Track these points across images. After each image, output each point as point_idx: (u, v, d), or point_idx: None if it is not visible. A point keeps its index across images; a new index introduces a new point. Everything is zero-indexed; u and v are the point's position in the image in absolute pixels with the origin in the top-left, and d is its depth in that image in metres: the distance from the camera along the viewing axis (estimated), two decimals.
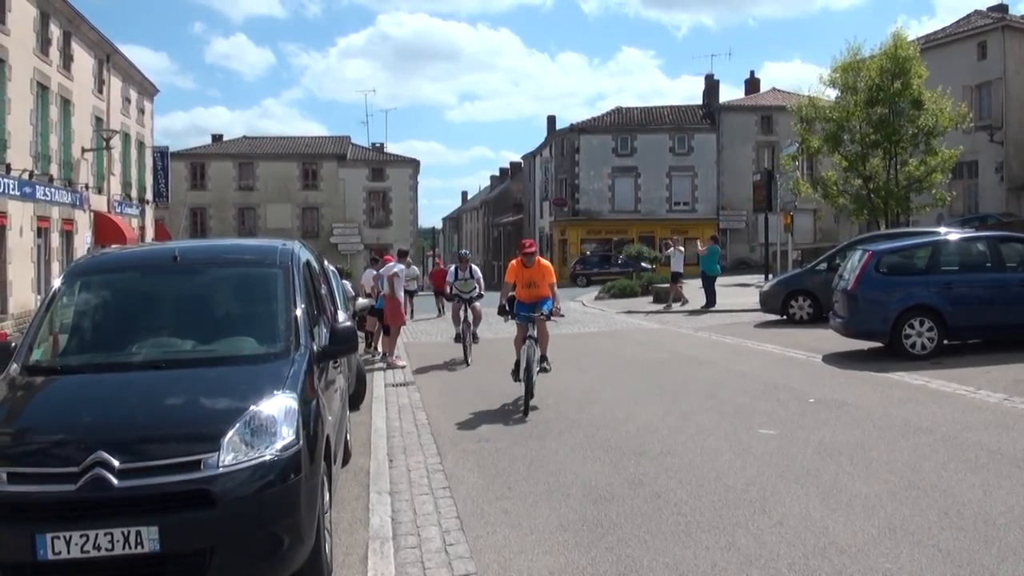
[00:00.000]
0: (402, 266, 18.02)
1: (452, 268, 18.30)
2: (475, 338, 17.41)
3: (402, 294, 17.80)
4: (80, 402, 5.37)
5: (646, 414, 10.93)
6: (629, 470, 8.17)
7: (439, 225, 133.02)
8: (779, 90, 64.57)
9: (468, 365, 16.36)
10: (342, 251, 62.45)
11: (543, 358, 12.12)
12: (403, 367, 16.73)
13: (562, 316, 13.05)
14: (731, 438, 9.34)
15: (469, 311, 17.26)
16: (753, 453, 8.63)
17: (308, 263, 7.19)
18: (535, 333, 11.94)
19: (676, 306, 28.38)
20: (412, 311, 28.20)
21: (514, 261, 12.42)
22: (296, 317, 6.14)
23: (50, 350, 6.24)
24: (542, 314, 12.02)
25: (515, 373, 12.24)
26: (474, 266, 18.05)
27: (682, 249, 29.21)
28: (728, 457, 8.50)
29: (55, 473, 4.78)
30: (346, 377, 8.44)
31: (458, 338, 17.26)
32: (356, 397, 11.37)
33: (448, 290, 18.03)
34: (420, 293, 33.05)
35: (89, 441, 4.84)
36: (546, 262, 12.61)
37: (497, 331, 21.49)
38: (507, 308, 12.34)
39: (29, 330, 6.28)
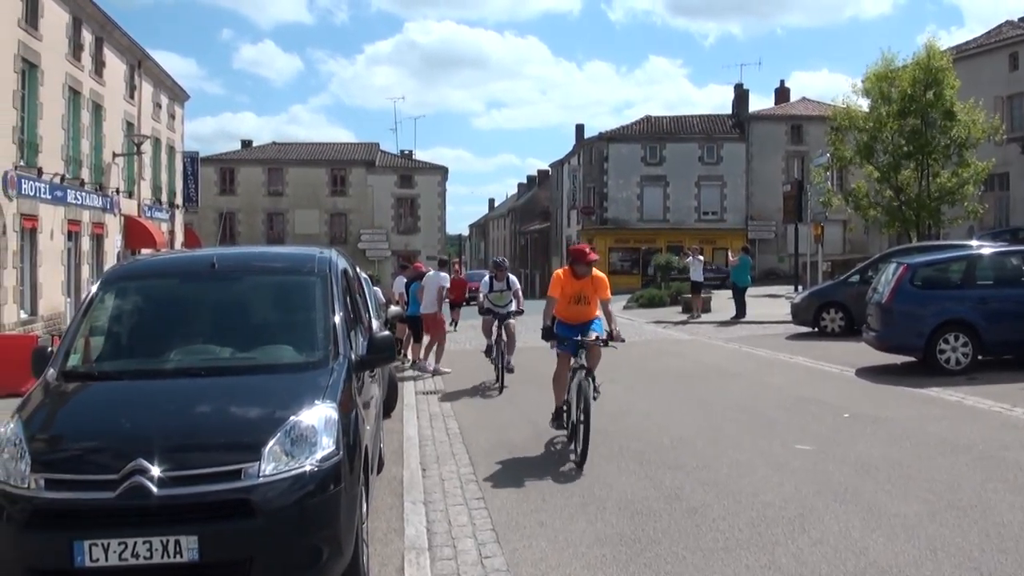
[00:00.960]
0: (445, 274, 17.99)
1: (486, 278, 15.96)
2: (510, 367, 14.91)
3: (438, 307, 17.74)
4: (118, 409, 5.34)
5: (680, 427, 10.85)
6: (665, 484, 8.10)
7: (466, 232, 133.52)
8: (809, 100, 64.22)
9: (501, 392, 14.22)
10: (370, 257, 62.65)
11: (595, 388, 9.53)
12: (448, 372, 16.76)
13: (623, 341, 9.81)
14: (766, 453, 9.24)
15: (503, 329, 15.04)
16: (789, 468, 8.53)
17: (345, 271, 7.17)
18: (584, 360, 9.37)
19: (703, 317, 28.25)
20: (456, 322, 27.37)
21: (560, 271, 9.89)
22: (335, 325, 6.10)
23: (87, 356, 6.23)
24: (598, 338, 9.52)
25: (557, 420, 9.99)
26: (512, 276, 15.69)
27: (702, 258, 29.12)
28: (764, 472, 8.41)
29: (94, 480, 4.76)
30: (381, 386, 8.40)
31: (489, 351, 15.46)
32: (387, 405, 11.33)
33: (481, 302, 15.66)
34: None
35: (128, 448, 4.83)
36: (601, 274, 9.97)
37: (525, 337, 21.55)
38: (554, 333, 9.75)
39: (66, 336, 6.27)
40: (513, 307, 15.31)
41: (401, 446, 10.18)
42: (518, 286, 15.67)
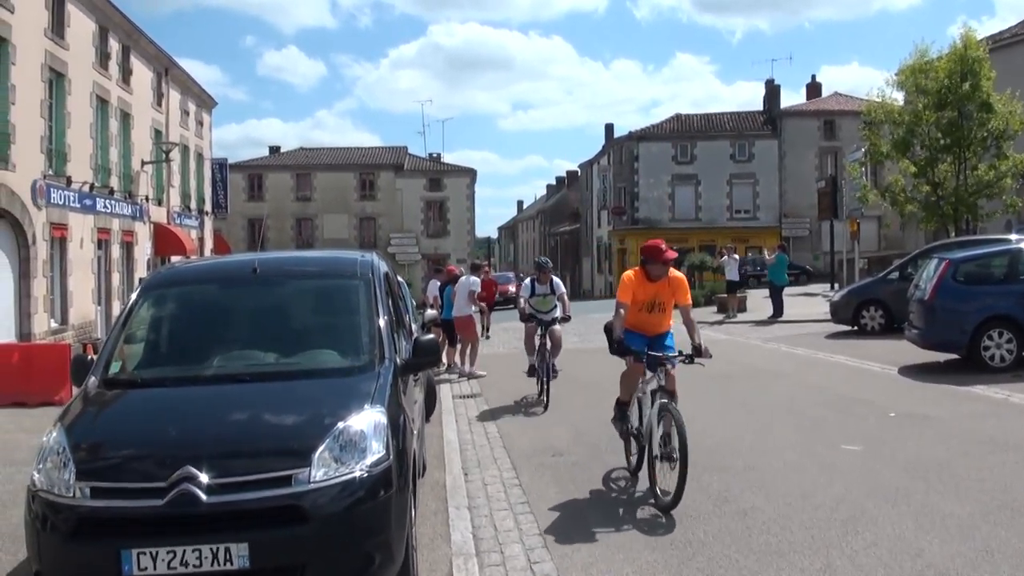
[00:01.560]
0: (476, 279, 17.99)
1: (527, 281, 14.50)
2: (554, 371, 13.58)
3: (471, 310, 17.73)
4: (164, 415, 5.33)
5: (724, 428, 10.78)
6: (713, 486, 8.03)
7: (494, 235, 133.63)
8: (841, 94, 63.77)
9: (546, 409, 12.82)
10: (400, 261, 62.83)
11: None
12: (484, 375, 16.79)
13: (710, 357, 8.03)
14: (814, 454, 9.15)
15: (547, 336, 13.68)
16: (838, 469, 8.44)
17: (387, 274, 7.17)
18: (664, 381, 7.73)
19: (738, 316, 28.09)
20: (487, 328, 26.02)
21: (631, 273, 8.26)
22: (380, 329, 6.10)
23: (129, 363, 6.24)
24: (683, 357, 7.85)
25: (621, 418, 8.58)
26: (556, 279, 14.14)
27: (736, 257, 28.94)
28: (813, 473, 8.32)
29: (141, 488, 4.75)
30: (422, 390, 8.40)
31: (532, 371, 13.85)
32: (427, 409, 11.32)
33: (521, 308, 14.21)
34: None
35: (176, 455, 4.81)
36: (680, 274, 8.38)
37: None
38: (626, 346, 7.98)
39: (106, 343, 6.27)
40: (559, 312, 13.87)
41: (442, 450, 10.19)
42: (563, 289, 14.16)
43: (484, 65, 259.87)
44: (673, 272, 8.24)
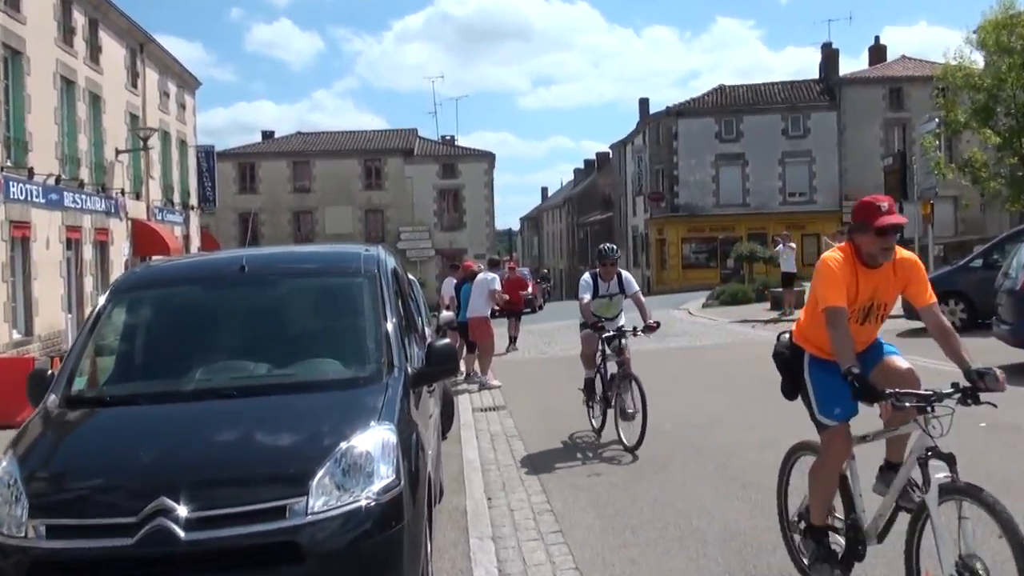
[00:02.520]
0: (495, 276, 17.85)
1: (586, 276, 11.72)
2: (631, 413, 10.71)
3: (488, 311, 17.60)
4: (135, 438, 5.22)
5: (784, 440, 10.48)
6: (776, 510, 7.78)
7: (516, 226, 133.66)
8: (909, 58, 63.30)
9: (635, 457, 10.27)
10: (411, 258, 62.91)
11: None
12: (498, 386, 16.77)
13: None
14: (867, 453, 8.88)
15: (618, 357, 11.22)
16: None
17: (395, 271, 7.08)
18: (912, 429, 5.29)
19: (796, 313, 27.78)
20: (515, 339, 24.72)
21: (836, 256, 5.53)
22: (387, 334, 5.99)
23: (96, 378, 6.17)
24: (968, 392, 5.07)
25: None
26: (626, 273, 11.78)
27: (793, 246, 28.65)
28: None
29: (107, 525, 4.61)
30: (438, 403, 8.24)
31: (590, 394, 11.77)
32: (443, 424, 11.19)
33: (584, 309, 11.51)
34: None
35: (149, 485, 4.69)
36: (912, 256, 5.71)
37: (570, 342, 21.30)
38: (866, 381, 5.09)
39: (70, 355, 6.17)
40: (623, 320, 11.76)
41: (461, 471, 10.09)
42: (636, 287, 11.74)
43: (500, 36, 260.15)
44: (901, 251, 5.60)
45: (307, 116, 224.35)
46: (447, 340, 6.53)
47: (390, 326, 6.06)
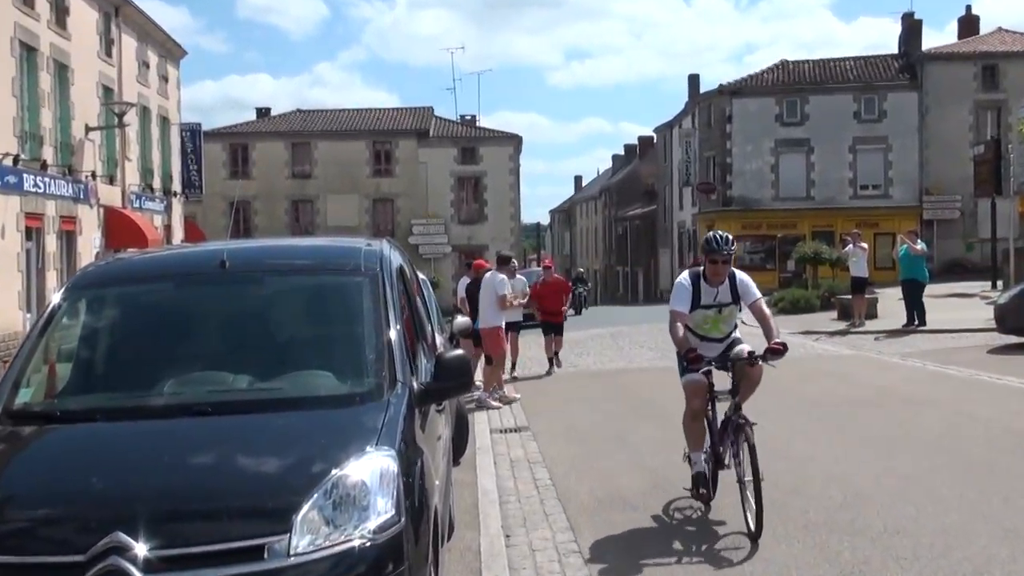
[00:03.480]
0: (503, 277, 17.66)
1: (682, 280, 9.40)
2: (747, 481, 8.55)
3: (501, 319, 17.42)
4: (90, 461, 5.14)
5: (854, 475, 10.45)
6: (844, 556, 7.69)
7: (545, 220, 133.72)
8: (1007, 30, 62.84)
9: (754, 545, 8.27)
10: (424, 255, 63.07)
11: None
12: (517, 399, 16.81)
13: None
14: (984, 513, 8.76)
15: (727, 396, 9.38)
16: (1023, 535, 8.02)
17: (401, 269, 7.04)
18: None
19: (867, 324, 27.60)
20: (556, 358, 22.35)
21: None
22: (390, 343, 5.92)
23: (45, 389, 6.13)
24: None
25: None
26: (742, 275, 9.33)
27: (865, 247, 28.43)
28: (985, 541, 7.93)
29: (52, 564, 4.54)
30: (449, 423, 8.13)
31: (703, 489, 9.25)
32: (456, 448, 11.11)
33: (677, 334, 9.15)
34: (527, 325, 22.32)
35: (102, 518, 4.61)
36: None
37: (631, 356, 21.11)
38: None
39: (14, 362, 6.12)
40: (742, 340, 9.62)
41: (476, 503, 10.03)
42: (757, 293, 9.23)
43: (528, 1, 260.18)
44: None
45: (307, 92, 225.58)
46: (459, 352, 6.40)
47: (393, 334, 6.00)
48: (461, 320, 15.39)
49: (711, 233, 9.28)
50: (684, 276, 9.54)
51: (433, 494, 5.54)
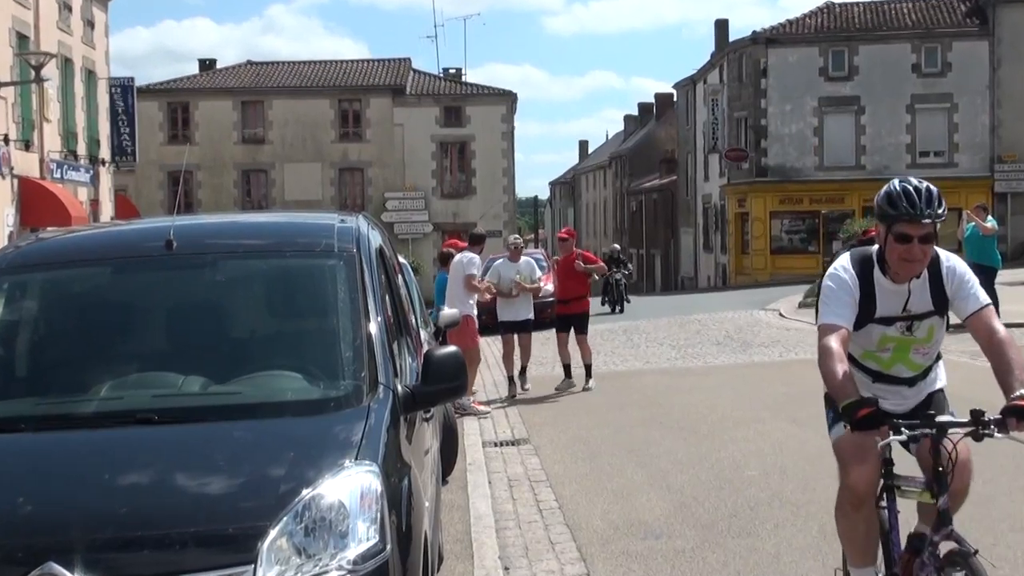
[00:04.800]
0: (474, 256, 17.61)
1: (839, 269, 6.35)
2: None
3: (472, 307, 17.37)
4: (13, 481, 5.14)
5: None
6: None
7: (544, 193, 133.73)
8: None
9: None
10: (401, 234, 62.93)
11: None
12: (486, 414, 16.75)
13: None
14: None
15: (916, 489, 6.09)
16: None
17: (381, 250, 7.04)
18: None
19: None
20: (588, 375, 19.25)
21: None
22: (370, 338, 5.93)
23: None
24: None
25: None
26: (953, 260, 6.23)
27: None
28: None
29: None
30: (437, 434, 8.17)
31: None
32: (444, 463, 11.19)
33: (825, 372, 6.04)
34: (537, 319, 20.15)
35: (31, 546, 4.63)
36: None
37: (616, 353, 21.17)
38: None
39: None
40: (943, 384, 6.68)
41: (468, 530, 10.06)
42: (983, 297, 6.13)
43: None
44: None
45: (258, 40, 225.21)
46: (452, 348, 6.40)
47: (374, 327, 6.01)
48: (449, 311, 15.48)
49: (897, 183, 6.07)
50: (844, 262, 6.45)
51: (423, 518, 5.57)
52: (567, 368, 19.13)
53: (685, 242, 76.96)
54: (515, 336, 18.79)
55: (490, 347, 23.74)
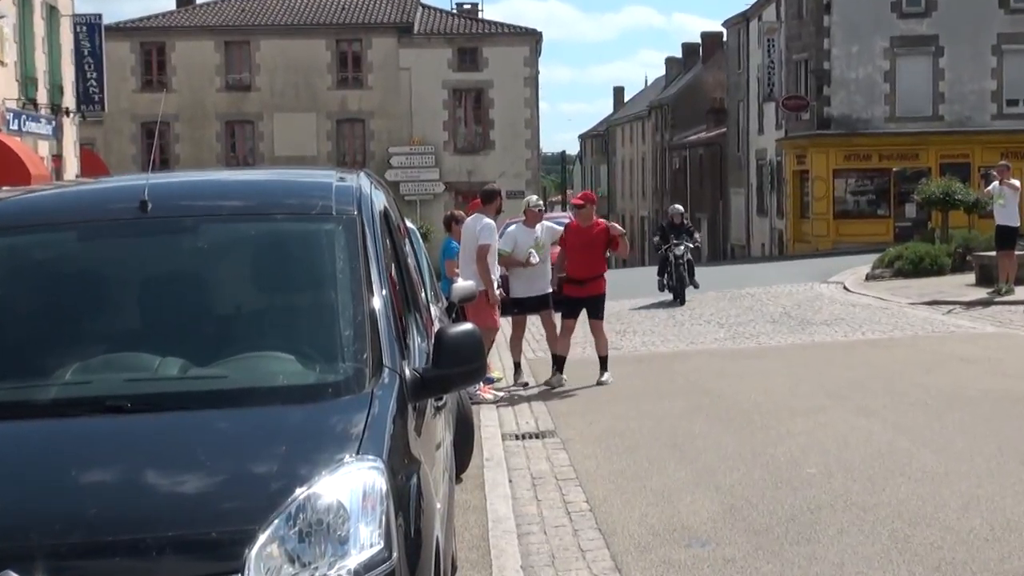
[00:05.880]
0: (488, 221, 17.25)
1: None
2: None
3: (495, 274, 17.20)
4: None
5: (1002, 498, 10.47)
6: None
7: (573, 148, 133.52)
8: None
9: None
10: (408, 196, 62.96)
11: None
12: (494, 401, 16.79)
13: None
14: None
15: None
16: None
17: (386, 212, 7.05)
18: None
19: (1016, 291, 27.50)
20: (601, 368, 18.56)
21: None
22: (374, 314, 5.95)
23: None
24: None
25: None
26: None
27: (1017, 184, 28.20)
28: None
29: None
30: (450, 426, 8.18)
31: None
32: (458, 458, 11.20)
33: None
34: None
35: None
36: None
37: (655, 332, 21.18)
38: None
39: None
40: None
41: (485, 535, 10.08)
42: None
43: None
44: None
45: None
46: (468, 326, 6.38)
47: (378, 301, 6.01)
48: (464, 283, 15.34)
49: None
50: None
51: (434, 521, 5.58)
52: (560, 361, 18.14)
53: (736, 204, 76.88)
54: (526, 318, 18.35)
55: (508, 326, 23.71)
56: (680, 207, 34.93)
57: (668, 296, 31.22)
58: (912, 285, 31.89)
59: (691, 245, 32.25)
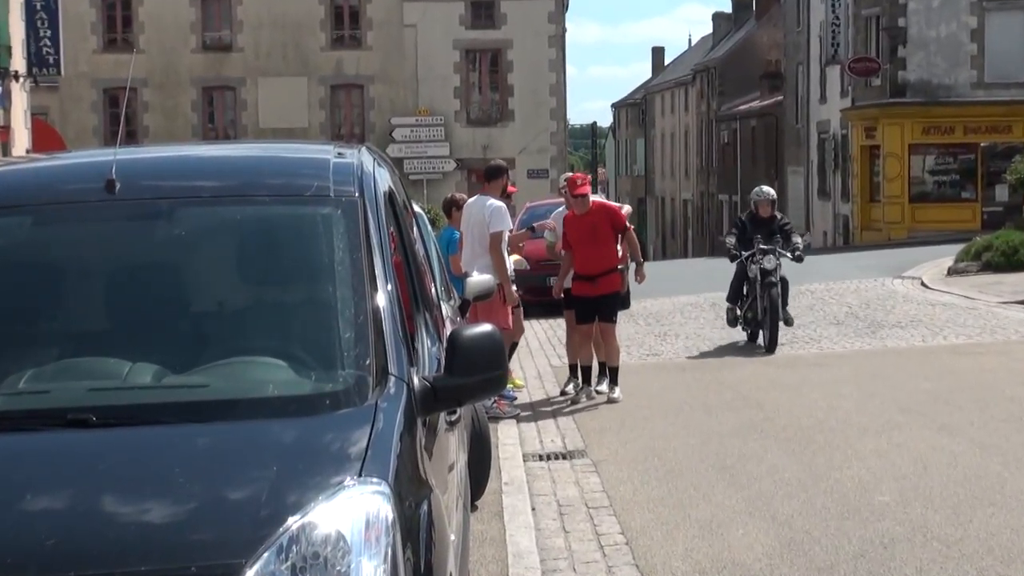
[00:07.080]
0: (496, 203, 17.12)
1: None
2: None
3: (509, 265, 17.07)
4: None
5: None
6: None
7: (606, 119, 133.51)
8: None
9: None
10: (413, 174, 62.93)
11: None
12: (513, 416, 16.78)
13: None
14: None
15: None
16: None
17: (391, 195, 7.08)
18: None
19: None
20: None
21: None
22: (378, 313, 5.96)
23: None
24: None
25: None
26: None
27: None
28: None
29: None
30: (464, 444, 8.20)
31: None
32: (474, 482, 11.23)
33: None
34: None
35: None
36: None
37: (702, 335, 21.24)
38: None
39: None
40: None
41: (505, 570, 10.14)
42: None
43: None
44: None
45: None
46: (486, 327, 6.36)
47: (382, 298, 6.03)
48: (479, 277, 15.31)
49: None
50: None
51: (447, 555, 5.60)
52: (586, 371, 17.97)
53: (794, 185, 76.86)
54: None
55: (531, 329, 23.73)
56: (770, 190, 24.83)
57: (742, 336, 23.63)
58: (1004, 281, 31.83)
59: (790, 255, 22.97)
